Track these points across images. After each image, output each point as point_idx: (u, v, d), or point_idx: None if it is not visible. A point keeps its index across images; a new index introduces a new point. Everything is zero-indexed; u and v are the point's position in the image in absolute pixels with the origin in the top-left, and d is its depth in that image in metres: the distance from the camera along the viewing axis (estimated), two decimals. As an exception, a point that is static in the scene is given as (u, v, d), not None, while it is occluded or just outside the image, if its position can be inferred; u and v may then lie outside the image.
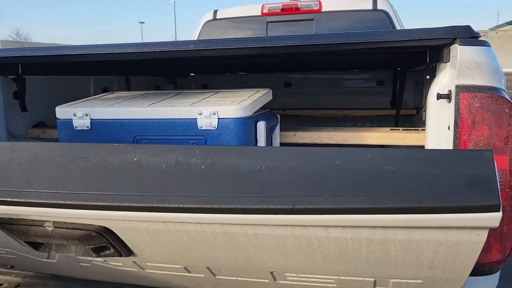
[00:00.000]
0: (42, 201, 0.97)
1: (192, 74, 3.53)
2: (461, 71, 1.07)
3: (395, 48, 1.26)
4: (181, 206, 0.87)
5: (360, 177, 0.81)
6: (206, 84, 3.50)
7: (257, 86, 2.10)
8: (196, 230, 0.94)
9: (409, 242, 0.86)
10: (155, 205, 0.89)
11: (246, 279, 1.15)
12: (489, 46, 1.13)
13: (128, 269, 1.22)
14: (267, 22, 3.58)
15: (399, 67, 2.60)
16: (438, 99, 1.14)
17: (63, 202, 0.95)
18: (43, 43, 62.37)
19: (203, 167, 0.89)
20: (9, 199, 1.00)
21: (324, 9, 3.45)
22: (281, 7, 3.52)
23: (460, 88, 1.07)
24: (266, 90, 1.66)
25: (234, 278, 1.17)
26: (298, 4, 3.50)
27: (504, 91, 1.11)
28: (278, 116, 1.71)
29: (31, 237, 1.13)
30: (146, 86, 3.10)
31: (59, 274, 1.49)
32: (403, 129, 1.68)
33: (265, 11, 3.57)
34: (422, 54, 1.36)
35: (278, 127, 1.70)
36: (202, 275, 1.21)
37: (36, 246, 1.19)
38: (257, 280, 1.14)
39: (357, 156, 0.83)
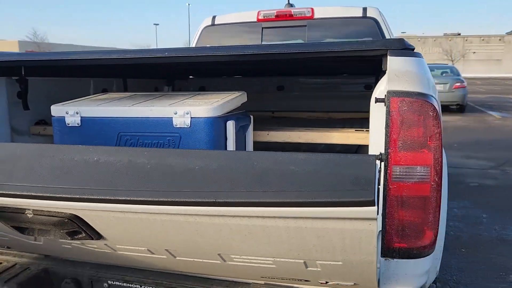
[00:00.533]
0: (22, 193, 1.15)
1: (191, 76, 3.71)
2: (391, 78, 1.23)
3: (345, 57, 1.42)
4: (133, 198, 1.04)
5: (271, 176, 0.96)
6: (203, 87, 3.68)
7: (251, 89, 2.26)
8: (148, 219, 1.11)
9: (316, 230, 1.01)
10: (112, 197, 1.06)
11: (201, 260, 1.31)
12: (420, 57, 1.28)
13: (103, 250, 1.39)
14: (262, 28, 3.75)
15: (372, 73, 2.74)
16: (375, 102, 1.29)
17: (39, 194, 1.12)
18: (59, 43, 63.41)
19: (149, 166, 1.06)
20: None
21: (316, 16, 3.61)
22: (275, 14, 3.69)
23: (391, 93, 1.22)
24: (240, 93, 1.82)
25: (191, 259, 1.33)
26: (292, 11, 3.67)
27: (432, 96, 1.26)
28: (251, 116, 1.88)
29: (16, 223, 1.31)
30: (145, 88, 3.29)
31: (48, 254, 1.68)
32: (366, 130, 1.83)
33: (260, 17, 3.74)
34: (374, 63, 1.51)
35: (251, 127, 1.86)
36: (164, 256, 1.37)
37: (21, 230, 1.36)
38: (210, 261, 1.30)
39: (270, 158, 0.99)
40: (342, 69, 2.63)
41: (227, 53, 1.42)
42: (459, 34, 59.78)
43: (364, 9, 3.53)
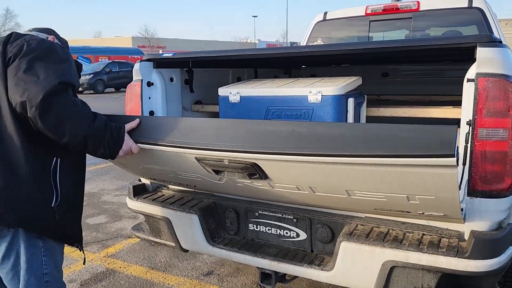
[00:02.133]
0: (223, 149, 1.79)
1: (303, 66, 4.28)
2: (479, 63, 1.66)
3: (442, 49, 1.86)
4: (293, 152, 1.61)
5: (386, 140, 1.47)
6: (314, 74, 4.22)
7: (357, 75, 2.75)
8: (301, 165, 1.66)
9: (415, 174, 1.47)
10: (279, 151, 1.64)
11: (333, 195, 1.87)
12: (504, 47, 1.68)
13: (264, 187, 2.00)
14: (369, 21, 4.18)
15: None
16: (467, 82, 1.72)
17: (234, 149, 1.76)
18: (166, 38, 68.31)
19: (306, 132, 1.62)
20: (205, 147, 1.84)
21: (422, 8, 3.93)
22: (383, 8, 4.09)
23: (479, 74, 1.66)
24: (356, 77, 2.34)
25: (325, 194, 1.89)
26: (398, 4, 4.03)
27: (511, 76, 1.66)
28: (365, 96, 2.38)
29: (215, 167, 1.97)
30: (267, 75, 3.94)
31: (222, 192, 2.37)
32: (460, 106, 2.23)
33: (368, 11, 4.17)
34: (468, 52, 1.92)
35: (364, 104, 2.37)
36: (307, 192, 1.95)
37: (217, 172, 2.03)
38: (339, 195, 1.84)
39: (386, 128, 1.50)
40: (443, 58, 2.98)
41: (335, 48, 1.97)
42: None
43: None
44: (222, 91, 2.42)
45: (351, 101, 2.17)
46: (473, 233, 1.74)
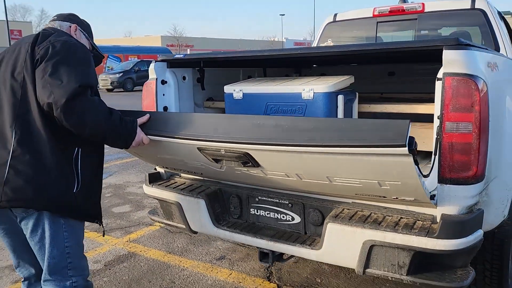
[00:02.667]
0: (220, 140, 2.04)
1: (314, 65, 4.50)
2: (445, 64, 1.86)
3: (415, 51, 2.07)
4: (279, 143, 1.86)
5: (351, 132, 1.69)
6: (324, 73, 4.44)
7: (365, 75, 2.92)
8: (287, 155, 1.90)
9: (379, 162, 1.67)
10: (267, 142, 1.89)
11: (317, 181, 2.10)
12: (469, 49, 1.87)
13: (258, 174, 2.25)
14: (377, 22, 4.35)
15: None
16: (437, 81, 1.92)
17: (230, 140, 2.01)
18: (194, 37, 69.24)
19: (287, 126, 1.85)
20: (204, 139, 2.11)
21: (426, 9, 4.08)
22: (389, 9, 4.26)
23: (445, 74, 1.86)
24: (348, 76, 2.56)
25: (311, 180, 2.13)
26: (404, 6, 4.19)
27: (478, 76, 1.84)
28: (357, 93, 2.60)
29: (214, 156, 2.24)
30: (277, 74, 4.18)
31: (225, 179, 2.64)
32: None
33: (376, 13, 4.35)
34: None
35: (356, 100, 2.59)
36: (295, 179, 2.19)
37: (216, 161, 2.30)
38: (322, 182, 2.06)
39: (350, 122, 1.70)
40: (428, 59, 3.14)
41: (340, 50, 2.19)
42: None
43: (473, 1, 3.89)
44: (227, 89, 2.68)
45: (340, 98, 2.39)
46: (442, 216, 1.94)
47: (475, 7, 3.86)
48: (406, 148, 1.57)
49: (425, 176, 1.93)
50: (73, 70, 1.83)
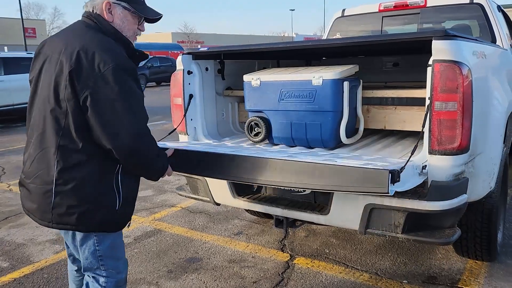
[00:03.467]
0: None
1: (323, 58, 4.83)
2: (434, 52, 2.19)
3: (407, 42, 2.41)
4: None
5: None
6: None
7: (372, 66, 3.21)
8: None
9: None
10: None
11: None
12: (455, 39, 2.20)
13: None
14: (382, 17, 4.67)
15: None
16: (427, 67, 2.26)
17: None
18: (205, 33, 69.63)
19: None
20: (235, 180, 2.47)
21: (428, 4, 4.39)
22: (393, 5, 4.57)
23: (434, 61, 2.19)
24: (353, 65, 2.90)
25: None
26: (408, 1, 4.50)
27: (463, 63, 2.17)
28: (361, 80, 2.94)
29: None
30: (289, 66, 4.52)
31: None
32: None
33: (381, 8, 4.66)
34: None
35: (360, 87, 2.92)
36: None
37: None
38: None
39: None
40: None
41: (343, 42, 2.54)
42: None
43: (471, -5, 4.18)
44: (246, 78, 3.04)
45: (346, 84, 2.73)
46: (432, 182, 2.28)
47: (474, 1, 4.16)
48: (390, 194, 1.89)
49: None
50: (129, 108, 1.78)
